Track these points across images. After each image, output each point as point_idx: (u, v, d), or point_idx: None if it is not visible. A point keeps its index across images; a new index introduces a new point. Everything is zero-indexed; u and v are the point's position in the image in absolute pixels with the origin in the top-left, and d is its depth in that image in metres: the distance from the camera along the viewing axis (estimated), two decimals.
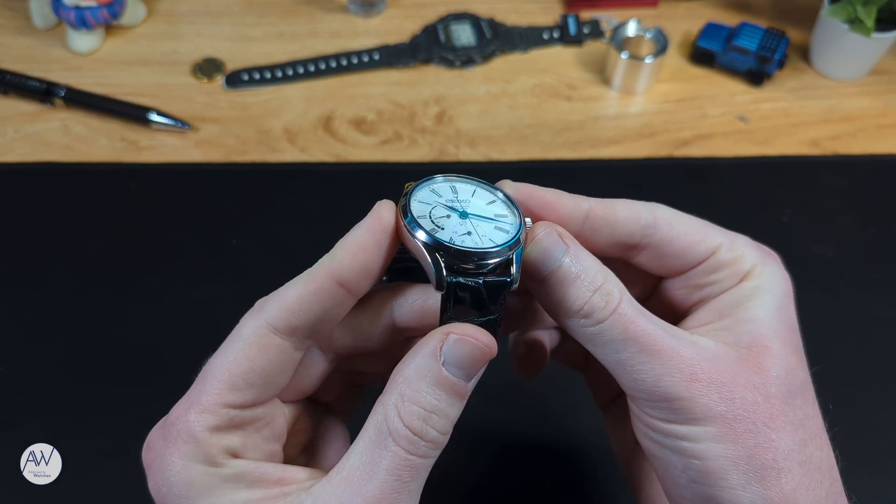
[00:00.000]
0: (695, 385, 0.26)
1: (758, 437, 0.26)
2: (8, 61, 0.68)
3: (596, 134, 0.65)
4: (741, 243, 0.31)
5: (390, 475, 0.25)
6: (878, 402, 0.49)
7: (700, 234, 0.31)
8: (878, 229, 0.58)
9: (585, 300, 0.27)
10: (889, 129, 0.65)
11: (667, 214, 0.31)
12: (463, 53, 0.70)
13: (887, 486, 0.46)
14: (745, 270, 0.30)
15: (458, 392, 0.26)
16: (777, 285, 0.30)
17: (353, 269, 0.27)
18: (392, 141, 0.64)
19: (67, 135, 0.64)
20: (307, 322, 0.28)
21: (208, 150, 0.63)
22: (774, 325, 0.29)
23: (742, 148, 0.63)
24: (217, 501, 0.26)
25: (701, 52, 0.68)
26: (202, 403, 0.27)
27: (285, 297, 0.28)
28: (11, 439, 0.47)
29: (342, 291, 0.28)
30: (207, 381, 0.27)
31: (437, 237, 0.27)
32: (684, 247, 0.31)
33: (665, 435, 0.28)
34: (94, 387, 0.50)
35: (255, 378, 0.27)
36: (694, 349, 0.27)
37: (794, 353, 0.29)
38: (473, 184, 0.30)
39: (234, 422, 0.27)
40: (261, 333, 0.27)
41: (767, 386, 0.27)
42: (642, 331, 0.27)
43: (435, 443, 0.26)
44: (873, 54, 0.66)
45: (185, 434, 0.26)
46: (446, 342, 0.26)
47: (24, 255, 0.57)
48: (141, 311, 0.53)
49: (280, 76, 0.68)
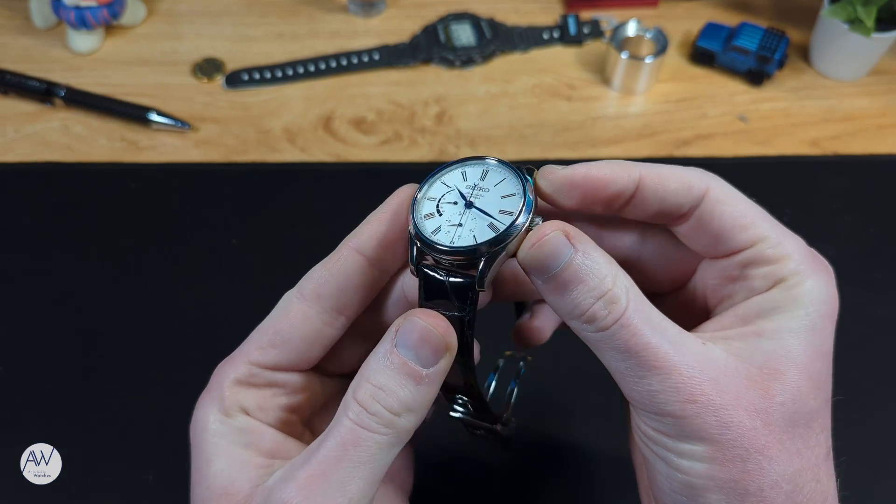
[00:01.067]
0: (691, 406, 0.25)
1: (747, 464, 0.26)
2: (8, 61, 0.68)
3: (596, 134, 0.65)
4: (791, 244, 0.29)
5: (335, 442, 0.26)
6: (878, 402, 0.49)
7: (748, 221, 0.29)
8: (878, 229, 0.58)
9: (588, 307, 0.26)
10: (889, 129, 0.65)
11: (719, 190, 0.29)
12: (463, 53, 0.70)
13: (887, 485, 0.46)
14: (783, 275, 0.28)
15: (409, 373, 0.26)
16: (817, 302, 0.28)
17: (371, 237, 0.29)
18: (392, 141, 0.64)
19: (67, 135, 0.64)
20: (331, 289, 0.30)
21: (208, 150, 0.63)
22: (797, 346, 0.27)
23: (742, 148, 0.63)
24: (215, 448, 0.29)
25: (701, 52, 0.68)
26: (234, 359, 0.30)
27: (314, 269, 0.30)
28: (11, 439, 0.47)
29: (361, 259, 0.30)
30: (245, 342, 0.31)
31: (418, 223, 0.28)
32: (726, 229, 0.29)
33: (655, 443, 0.27)
34: (94, 387, 0.50)
35: (278, 340, 0.30)
36: (699, 364, 0.26)
37: (809, 379, 0.27)
38: (507, 171, 0.29)
39: (254, 380, 0.30)
40: (288, 300, 0.30)
41: (770, 412, 0.26)
42: (644, 344, 0.26)
43: (380, 418, 0.26)
44: (873, 54, 0.66)
45: (215, 383, 0.30)
46: (402, 325, 0.27)
47: (24, 255, 0.57)
48: (141, 310, 0.53)
49: (280, 76, 0.68)
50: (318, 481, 0.26)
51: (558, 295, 0.27)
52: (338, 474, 0.26)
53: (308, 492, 0.26)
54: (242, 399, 0.30)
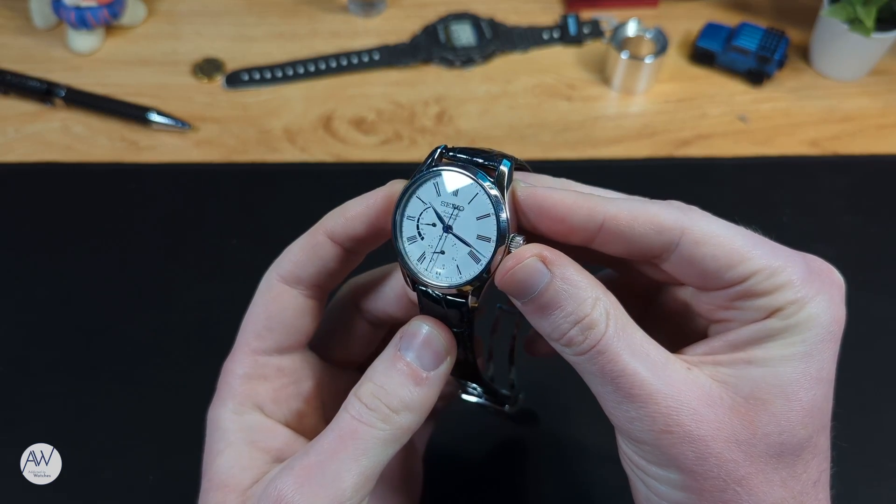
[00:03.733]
0: (666, 436, 0.25)
1: (724, 494, 0.25)
2: (8, 61, 0.68)
3: (596, 134, 0.65)
4: (790, 271, 0.26)
5: (333, 435, 0.27)
6: (878, 402, 0.49)
7: (735, 258, 0.26)
8: (878, 229, 0.58)
9: (564, 332, 0.26)
10: (889, 129, 0.65)
11: (698, 231, 0.26)
12: (463, 53, 0.70)
13: (888, 485, 0.46)
14: (780, 304, 0.26)
15: (410, 374, 0.28)
16: (816, 327, 0.26)
17: (342, 227, 0.30)
18: (392, 141, 0.64)
19: (67, 135, 0.64)
20: (309, 272, 0.31)
21: (208, 150, 0.63)
22: (789, 374, 0.26)
23: (742, 148, 0.63)
24: (224, 444, 0.29)
25: (701, 52, 0.68)
26: (236, 354, 0.31)
27: (291, 250, 0.31)
28: (11, 439, 0.47)
29: (335, 246, 0.31)
30: (240, 333, 0.31)
31: (404, 251, 0.28)
32: (710, 270, 0.27)
33: (636, 465, 0.27)
34: (95, 387, 0.50)
35: (274, 323, 0.31)
36: (679, 393, 0.25)
37: (800, 409, 0.26)
38: (477, 186, 0.27)
39: (262, 370, 0.31)
40: (272, 284, 0.31)
41: (753, 443, 0.25)
42: (621, 371, 0.25)
43: (379, 413, 0.27)
44: (873, 54, 0.66)
45: (225, 382, 0.31)
46: (406, 330, 0.29)
47: (24, 255, 0.57)
48: (141, 310, 0.53)
49: (280, 76, 0.68)
50: (313, 472, 0.26)
51: (538, 317, 0.27)
52: (333, 465, 0.26)
53: (303, 481, 0.26)
54: (255, 394, 0.31)
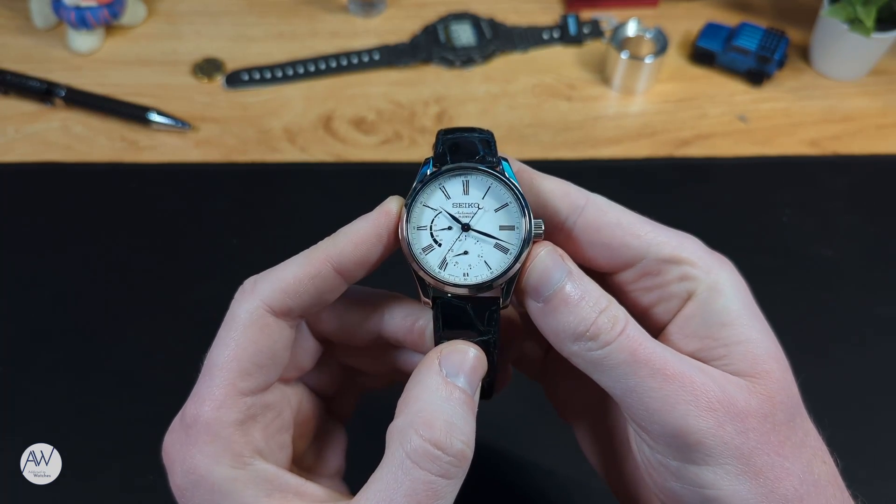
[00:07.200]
0: (711, 415, 0.25)
1: (775, 470, 0.25)
2: (8, 61, 0.68)
3: (596, 134, 0.65)
4: (690, 245, 0.29)
5: (410, 498, 0.24)
6: (878, 402, 0.49)
7: (640, 229, 0.29)
8: (878, 229, 0.58)
9: (591, 321, 0.26)
10: (889, 129, 0.65)
11: (601, 202, 0.29)
12: (463, 53, 0.70)
13: (888, 485, 0.46)
14: (686, 273, 0.28)
15: (469, 404, 0.26)
16: (741, 291, 0.28)
17: (353, 258, 0.28)
18: (392, 141, 0.64)
19: (67, 135, 0.64)
20: (302, 303, 0.28)
21: (208, 150, 0.63)
22: (764, 341, 0.27)
23: (742, 148, 0.63)
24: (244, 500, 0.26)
25: (701, 52, 0.68)
26: (216, 397, 0.26)
27: (281, 277, 0.28)
28: (11, 439, 0.47)
29: (339, 278, 0.28)
30: (215, 374, 0.27)
31: (422, 261, 0.26)
32: (616, 237, 0.29)
33: (679, 477, 0.26)
34: (94, 387, 0.50)
35: (263, 359, 0.27)
36: (706, 377, 0.26)
37: (787, 368, 0.28)
38: (489, 178, 0.27)
39: (252, 412, 0.27)
40: (259, 315, 0.27)
41: (775, 413, 0.26)
42: (651, 352, 0.26)
43: (458, 456, 0.25)
44: (873, 54, 0.66)
45: (207, 432, 0.26)
46: (442, 356, 0.26)
47: (24, 255, 0.57)
48: (141, 310, 0.53)
49: (280, 76, 0.68)
50: None
51: (559, 314, 0.26)
52: None
53: None
54: (253, 440, 0.27)
